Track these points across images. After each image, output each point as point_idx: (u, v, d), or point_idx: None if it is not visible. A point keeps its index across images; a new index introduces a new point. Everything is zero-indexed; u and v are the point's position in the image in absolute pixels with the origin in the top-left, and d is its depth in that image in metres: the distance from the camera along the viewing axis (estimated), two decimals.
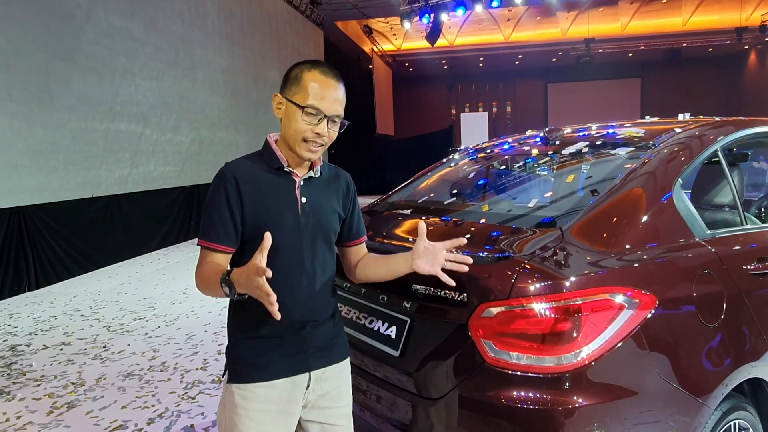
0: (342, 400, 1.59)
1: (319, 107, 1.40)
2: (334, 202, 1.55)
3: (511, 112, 26.65)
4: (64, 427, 3.04)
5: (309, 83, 1.41)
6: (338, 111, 1.44)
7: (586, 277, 1.53)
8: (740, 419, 1.76)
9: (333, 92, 1.42)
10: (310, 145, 1.43)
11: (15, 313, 5.38)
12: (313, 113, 1.40)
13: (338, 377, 1.58)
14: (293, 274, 1.46)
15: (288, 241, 1.45)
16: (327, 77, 1.43)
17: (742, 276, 1.84)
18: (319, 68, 1.44)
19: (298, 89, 1.42)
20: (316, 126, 1.41)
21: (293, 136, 1.43)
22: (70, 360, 4.04)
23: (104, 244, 7.39)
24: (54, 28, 6.47)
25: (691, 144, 2.01)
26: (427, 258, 1.45)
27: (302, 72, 1.43)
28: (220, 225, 1.43)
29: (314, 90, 1.40)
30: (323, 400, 1.55)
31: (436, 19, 14.21)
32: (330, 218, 1.53)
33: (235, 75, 11.12)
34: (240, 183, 1.43)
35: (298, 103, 1.41)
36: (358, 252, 1.67)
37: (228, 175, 1.44)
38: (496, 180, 2.87)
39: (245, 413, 1.45)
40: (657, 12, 19.41)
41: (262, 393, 1.46)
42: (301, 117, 1.41)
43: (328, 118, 1.42)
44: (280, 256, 1.44)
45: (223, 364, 1.56)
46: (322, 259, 1.51)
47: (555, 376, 1.47)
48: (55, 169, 6.51)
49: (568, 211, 1.83)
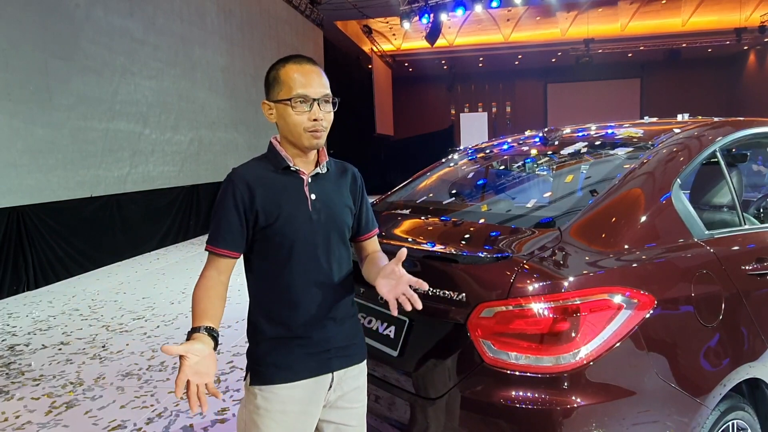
0: (359, 401, 1.59)
1: (306, 93, 1.42)
2: (345, 196, 1.56)
3: (510, 112, 26.63)
4: (63, 426, 3.03)
5: (288, 77, 1.44)
6: (324, 92, 1.45)
7: (584, 277, 1.53)
8: (738, 419, 1.76)
9: (313, 76, 1.44)
10: (313, 133, 1.44)
11: (14, 312, 5.37)
12: (302, 101, 1.42)
13: (357, 378, 1.58)
14: (310, 271, 1.47)
15: (301, 239, 1.46)
16: (302, 65, 1.45)
17: (741, 276, 1.84)
18: (292, 60, 1.46)
19: (280, 87, 1.44)
20: (310, 112, 1.43)
21: (293, 131, 1.45)
22: (69, 359, 4.04)
23: (103, 243, 7.38)
24: (53, 27, 6.47)
25: (689, 144, 2.01)
26: (389, 281, 1.37)
27: (278, 71, 1.46)
28: (227, 230, 1.43)
29: (295, 80, 1.43)
30: (342, 400, 1.55)
31: (436, 19, 14.21)
32: (342, 213, 1.53)
33: (234, 74, 11.11)
34: (249, 185, 1.44)
35: (285, 99, 1.43)
36: (368, 246, 1.65)
37: (236, 179, 1.45)
38: (496, 180, 2.87)
39: (267, 414, 1.45)
40: (656, 12, 19.41)
41: (285, 394, 1.45)
42: (293, 110, 1.43)
43: (317, 100, 1.43)
44: (295, 254, 1.45)
45: (223, 363, 1.56)
46: (337, 255, 1.51)
47: (553, 376, 1.48)
48: (54, 169, 6.51)
49: (567, 212, 1.83)
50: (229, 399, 3.26)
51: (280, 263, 1.46)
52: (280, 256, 1.46)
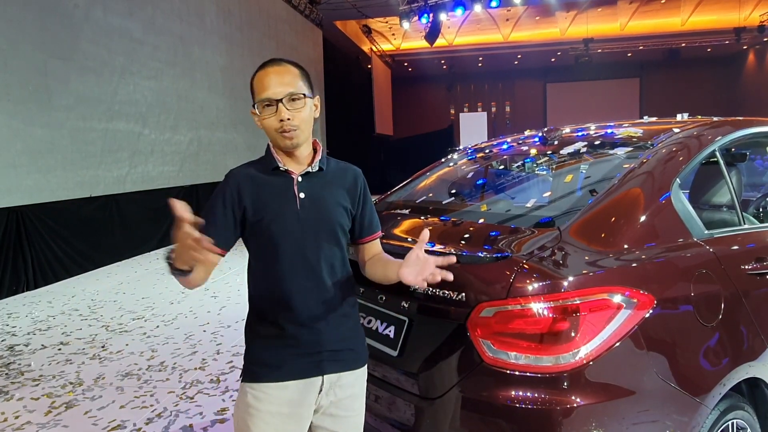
0: (354, 409, 1.56)
1: (267, 96, 1.44)
2: (340, 196, 1.54)
3: (510, 112, 26.62)
4: (63, 426, 3.03)
5: (255, 84, 1.48)
6: (287, 90, 1.44)
7: (584, 276, 1.53)
8: (738, 419, 1.76)
9: (272, 77, 1.45)
10: (284, 134, 1.46)
11: (13, 312, 5.37)
12: (266, 104, 1.45)
13: (353, 385, 1.55)
14: (298, 270, 1.47)
15: (289, 237, 1.47)
16: (265, 68, 1.48)
17: (740, 276, 1.85)
18: (262, 67, 1.49)
19: (253, 95, 1.49)
20: (276, 114, 1.45)
21: (269, 134, 1.49)
22: (69, 360, 4.04)
23: (103, 243, 7.38)
24: (52, 27, 6.46)
25: (689, 144, 2.01)
26: (415, 268, 1.36)
27: (252, 80, 1.49)
28: (211, 225, 1.43)
29: (258, 86, 1.47)
30: (335, 407, 1.52)
31: (435, 19, 14.21)
32: (334, 212, 1.52)
33: (233, 74, 11.11)
34: (240, 183, 1.49)
35: (253, 105, 1.48)
36: (371, 249, 1.63)
37: (229, 179, 1.51)
38: (495, 180, 2.87)
39: (257, 414, 1.45)
40: (656, 12, 19.42)
41: (274, 394, 1.46)
42: (261, 115, 1.46)
43: (282, 101, 1.44)
44: (283, 253, 1.46)
45: (223, 363, 1.56)
46: (328, 255, 1.50)
47: (553, 376, 1.48)
48: (53, 169, 6.50)
49: (567, 211, 1.83)
50: (228, 399, 3.26)
51: (269, 261, 1.48)
52: (269, 254, 1.48)
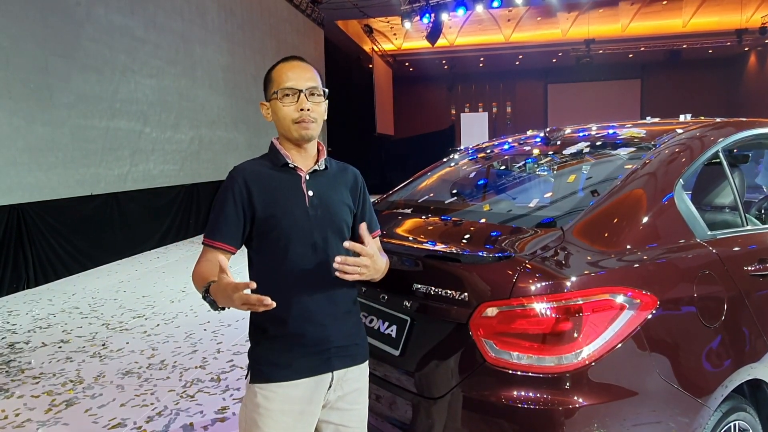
0: (359, 402, 1.59)
1: (291, 85, 1.48)
2: (343, 194, 1.57)
3: (511, 112, 26.63)
4: (63, 424, 3.03)
5: (277, 74, 1.51)
6: (312, 83, 1.50)
7: (587, 277, 1.53)
8: (740, 420, 1.76)
9: (298, 70, 1.50)
10: (301, 123, 1.48)
11: (14, 310, 5.37)
12: (288, 93, 1.48)
13: (358, 379, 1.58)
14: (307, 268, 1.48)
15: (299, 234, 1.47)
16: (289, 62, 1.53)
17: (743, 277, 1.84)
18: (282, 61, 1.54)
19: (271, 85, 1.52)
20: (297, 103, 1.47)
21: (284, 124, 1.50)
22: (69, 358, 4.04)
23: (103, 241, 7.38)
24: (54, 25, 6.46)
25: (692, 145, 2.01)
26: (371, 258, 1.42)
27: (270, 72, 1.54)
28: (224, 224, 1.46)
29: (282, 75, 1.50)
30: (342, 401, 1.55)
31: (437, 19, 14.20)
32: (340, 210, 1.54)
33: (235, 73, 11.11)
34: (248, 181, 1.49)
35: (274, 92, 1.49)
36: None
37: (236, 175, 1.50)
38: (497, 180, 2.87)
39: (267, 413, 1.45)
40: (657, 13, 19.41)
41: (285, 393, 1.46)
42: (281, 102, 1.48)
43: (304, 92, 1.47)
44: (292, 250, 1.47)
45: (223, 362, 1.56)
46: (336, 252, 1.50)
47: (555, 376, 1.47)
48: (54, 167, 6.50)
49: (569, 212, 1.83)
50: (229, 398, 3.25)
51: (277, 259, 1.48)
52: (278, 252, 1.48)
